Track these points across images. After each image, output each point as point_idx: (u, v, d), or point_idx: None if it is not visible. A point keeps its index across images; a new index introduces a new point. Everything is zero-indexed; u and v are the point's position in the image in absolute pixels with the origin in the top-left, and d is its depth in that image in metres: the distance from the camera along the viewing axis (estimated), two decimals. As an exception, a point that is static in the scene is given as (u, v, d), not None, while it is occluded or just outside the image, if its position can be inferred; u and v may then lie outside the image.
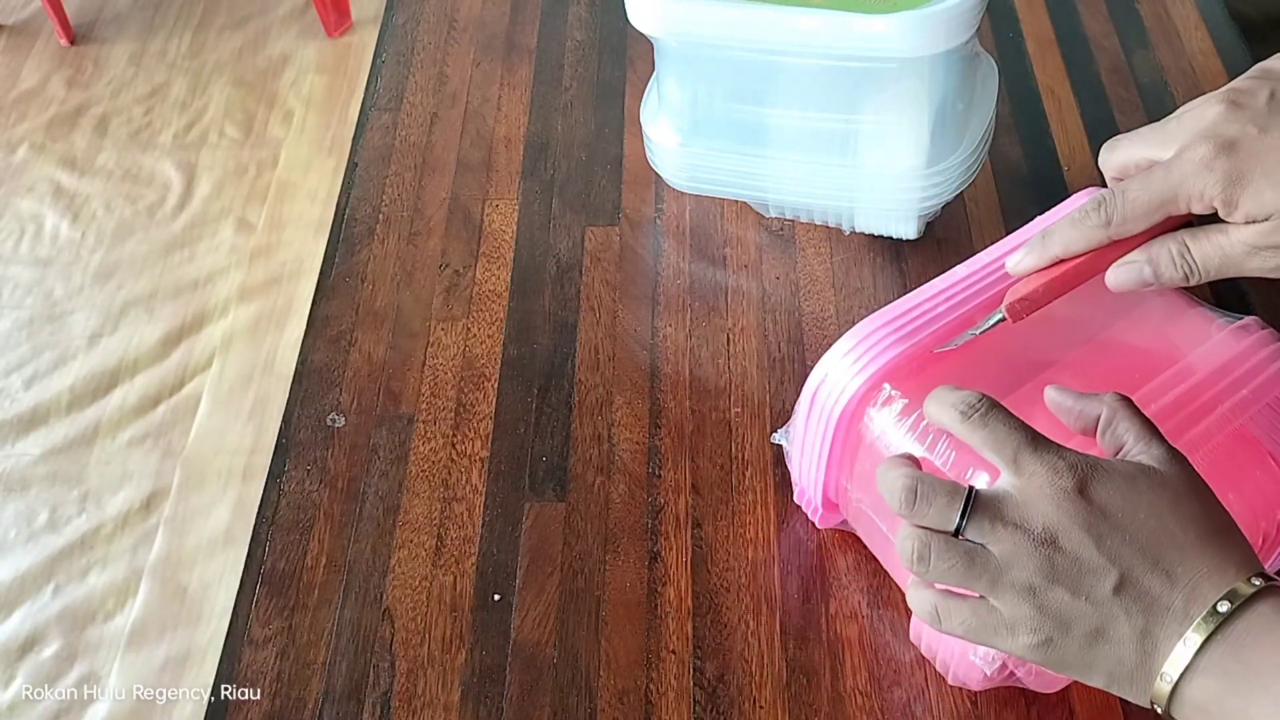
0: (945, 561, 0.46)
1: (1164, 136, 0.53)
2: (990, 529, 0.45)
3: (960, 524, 0.45)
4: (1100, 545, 0.44)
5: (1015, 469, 0.46)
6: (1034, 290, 0.55)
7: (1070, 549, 0.44)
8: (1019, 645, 0.45)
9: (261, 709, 0.59)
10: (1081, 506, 0.45)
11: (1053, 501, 0.45)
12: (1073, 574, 0.44)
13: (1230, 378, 0.54)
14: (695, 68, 0.71)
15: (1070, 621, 0.44)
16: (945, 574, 0.46)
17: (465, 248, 0.79)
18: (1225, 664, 0.42)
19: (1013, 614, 0.45)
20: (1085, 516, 0.44)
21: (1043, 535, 0.44)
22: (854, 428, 0.57)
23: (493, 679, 0.60)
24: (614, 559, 0.63)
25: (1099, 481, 0.45)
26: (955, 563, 0.46)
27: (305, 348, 0.74)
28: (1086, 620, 0.44)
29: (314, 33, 2.23)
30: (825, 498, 0.61)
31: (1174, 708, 0.44)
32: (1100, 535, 0.44)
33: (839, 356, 0.56)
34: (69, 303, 1.81)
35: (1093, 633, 0.44)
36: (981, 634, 0.46)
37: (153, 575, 1.50)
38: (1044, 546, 0.44)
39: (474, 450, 0.68)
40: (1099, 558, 0.44)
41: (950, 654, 0.55)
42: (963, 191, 0.72)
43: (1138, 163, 0.54)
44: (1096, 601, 0.44)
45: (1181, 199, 0.51)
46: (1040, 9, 0.92)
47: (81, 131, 2.08)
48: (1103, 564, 0.44)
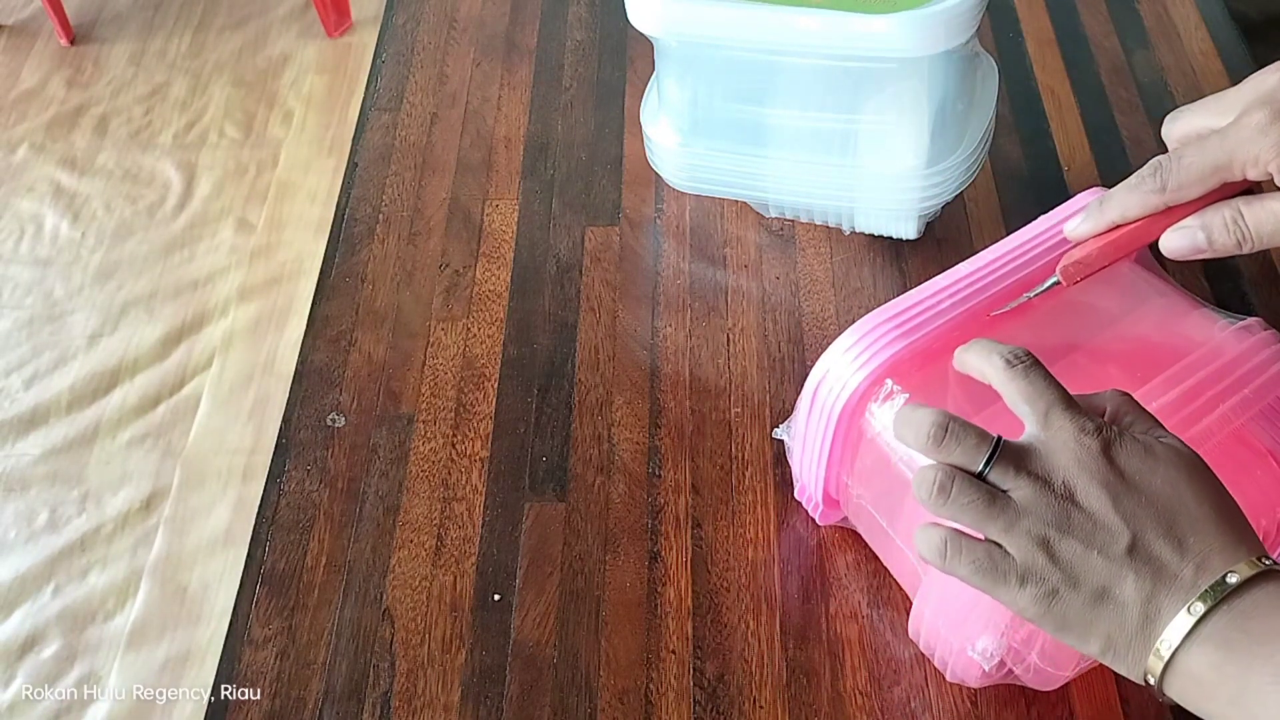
0: (966, 495, 0.46)
1: (1224, 105, 0.53)
2: (1014, 475, 0.46)
3: (985, 468, 0.46)
4: (1117, 505, 0.45)
5: (1044, 423, 0.47)
6: (1089, 254, 0.55)
7: (1088, 505, 0.45)
8: (1024, 596, 0.45)
9: (261, 709, 0.59)
10: (1104, 466, 0.45)
11: (1076, 458, 0.45)
12: (1087, 529, 0.45)
13: (1231, 378, 0.55)
14: (695, 68, 0.71)
15: (1079, 576, 0.45)
16: (964, 509, 0.46)
17: (465, 248, 0.79)
18: (1228, 633, 0.43)
19: (1024, 561, 0.45)
20: (1106, 476, 0.45)
21: (1063, 489, 0.45)
22: (855, 423, 0.57)
23: (493, 679, 0.60)
24: (614, 559, 0.63)
25: (1123, 446, 0.46)
26: (976, 499, 0.46)
27: (305, 348, 0.74)
28: (1095, 576, 0.44)
29: (314, 33, 2.23)
30: (826, 494, 0.61)
31: (1166, 678, 0.44)
32: (1118, 495, 0.45)
33: (841, 352, 0.57)
34: (69, 303, 1.81)
35: (1099, 591, 0.44)
36: (989, 577, 0.46)
37: (153, 575, 1.50)
38: (1063, 499, 0.45)
39: (474, 450, 0.68)
40: (1115, 517, 0.45)
41: (949, 650, 0.55)
42: (963, 191, 0.72)
43: (1198, 131, 0.54)
44: (1109, 558, 0.44)
45: (1236, 164, 0.51)
46: (1040, 9, 0.92)
47: (81, 131, 2.08)
48: (1118, 524, 0.44)
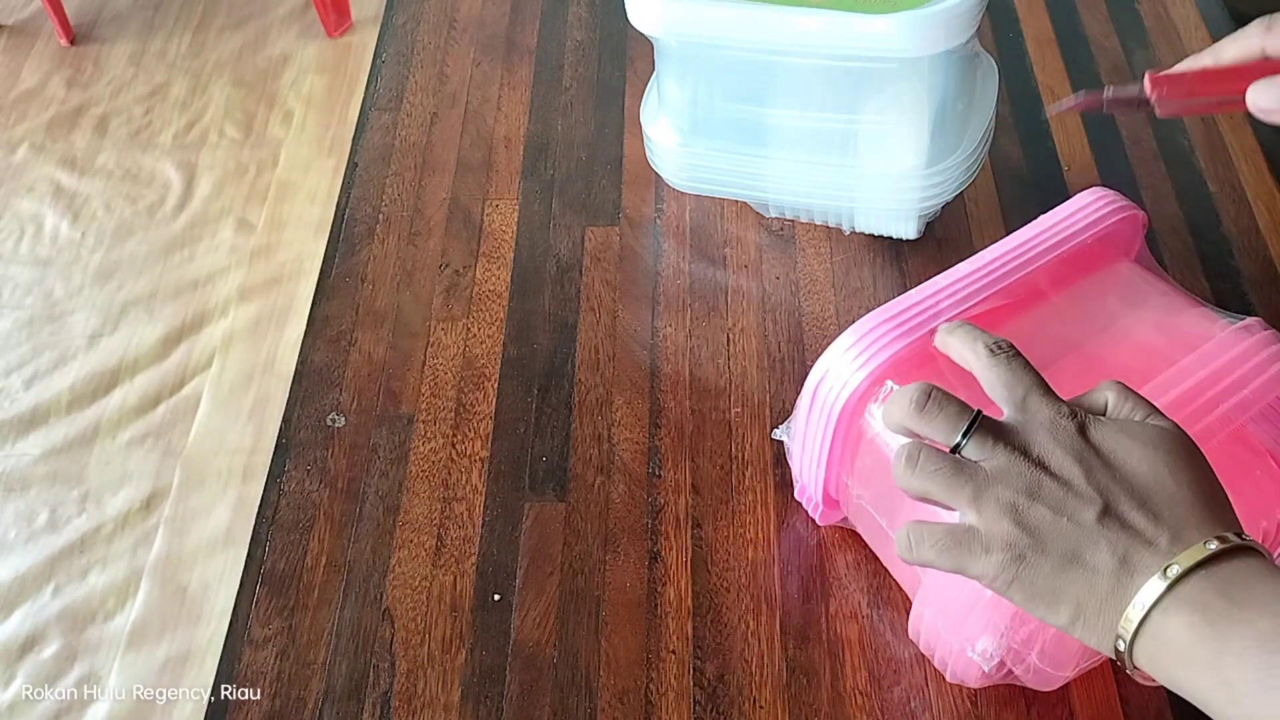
0: (932, 464, 0.46)
1: None
2: (990, 448, 0.46)
3: (963, 439, 0.46)
4: (1090, 476, 0.45)
5: (1022, 408, 0.47)
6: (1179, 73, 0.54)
7: (1060, 473, 0.45)
8: (990, 564, 0.45)
9: (261, 709, 0.59)
10: (1078, 441, 0.45)
11: (1051, 434, 0.46)
12: (1058, 496, 0.45)
13: (1231, 377, 0.55)
14: (695, 68, 0.71)
15: (1047, 540, 0.44)
16: (930, 477, 0.46)
17: (465, 248, 0.79)
18: (1206, 597, 0.42)
19: (989, 530, 0.45)
20: (1079, 449, 0.45)
21: (1036, 459, 0.45)
22: (855, 423, 0.57)
23: (493, 679, 0.60)
24: (614, 559, 0.63)
25: (1100, 427, 0.46)
26: (942, 467, 0.46)
27: (305, 348, 0.74)
28: (1064, 541, 0.44)
29: (314, 33, 2.23)
30: (826, 494, 0.61)
31: (1137, 643, 0.43)
32: (1091, 468, 0.45)
33: (840, 352, 0.57)
34: (69, 303, 1.81)
35: (1068, 555, 0.44)
36: (954, 553, 0.46)
37: (153, 575, 1.50)
38: (1035, 468, 0.45)
39: (474, 450, 0.68)
40: (1086, 487, 0.44)
41: (949, 651, 0.55)
42: (963, 191, 0.72)
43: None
44: (1079, 525, 0.44)
45: None
46: (1040, 9, 0.92)
47: (81, 131, 2.08)
48: (1090, 492, 0.44)
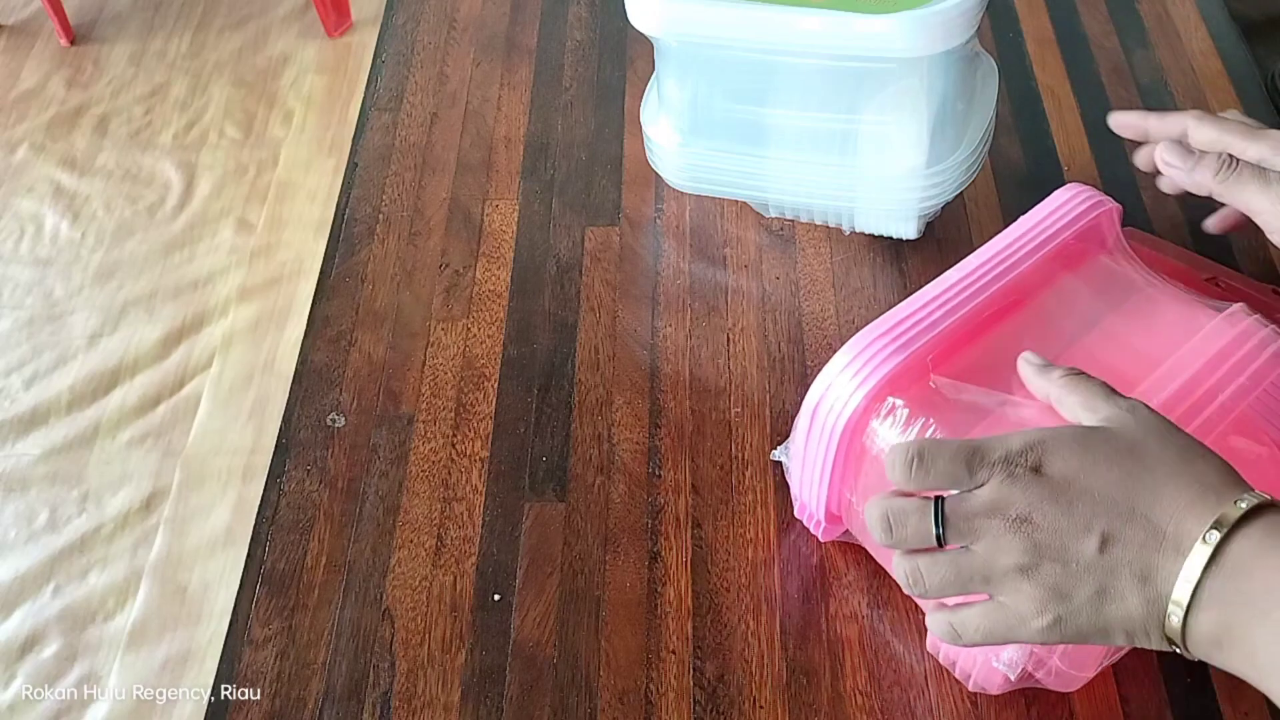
0: (936, 573, 0.47)
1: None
2: (968, 528, 0.46)
3: (938, 532, 0.46)
4: (1072, 512, 0.45)
5: (973, 480, 0.47)
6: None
7: (1046, 523, 0.45)
8: (1035, 630, 0.46)
9: (261, 709, 0.59)
10: (1044, 483, 0.45)
11: (1016, 488, 0.46)
12: (1055, 545, 0.45)
13: (1225, 366, 0.55)
14: (695, 68, 0.71)
15: (1070, 590, 0.45)
16: (941, 584, 0.47)
17: (465, 248, 0.79)
18: (1225, 594, 0.43)
19: (1016, 601, 0.46)
20: (1050, 491, 0.45)
21: (1016, 518, 0.45)
22: (857, 441, 0.56)
23: (493, 679, 0.60)
24: (614, 559, 0.63)
25: (1052, 454, 0.46)
26: (945, 570, 0.47)
27: (305, 348, 0.74)
28: (1084, 585, 0.44)
29: (314, 33, 2.23)
30: (828, 510, 0.60)
31: (1190, 644, 0.44)
32: (1069, 502, 0.45)
33: (838, 370, 0.56)
34: (69, 303, 1.81)
35: (1095, 595, 0.45)
36: (1000, 632, 0.47)
37: (153, 575, 1.50)
38: (1021, 527, 0.45)
39: (474, 450, 0.68)
40: (1075, 524, 0.45)
41: (971, 662, 0.54)
42: (963, 191, 0.72)
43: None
44: (1086, 565, 0.44)
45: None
46: (1040, 9, 0.92)
47: (81, 131, 2.08)
48: (1080, 528, 0.44)
